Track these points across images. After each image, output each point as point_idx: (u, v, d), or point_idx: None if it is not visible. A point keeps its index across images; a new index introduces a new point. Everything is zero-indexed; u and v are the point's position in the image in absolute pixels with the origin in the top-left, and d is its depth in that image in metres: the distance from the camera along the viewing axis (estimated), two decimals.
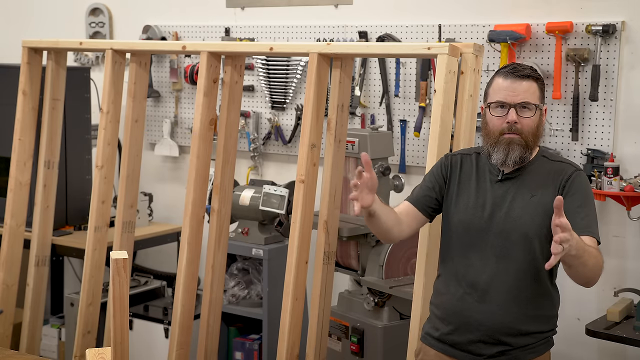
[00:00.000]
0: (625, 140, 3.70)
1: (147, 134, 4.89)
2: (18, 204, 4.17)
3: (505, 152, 2.65)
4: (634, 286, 3.61)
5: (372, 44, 4.05)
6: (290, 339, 3.38)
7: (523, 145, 2.65)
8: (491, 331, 2.65)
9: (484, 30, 3.90)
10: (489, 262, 2.66)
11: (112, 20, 5.14)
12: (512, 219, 2.64)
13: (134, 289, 4.59)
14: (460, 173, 2.78)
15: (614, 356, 3.80)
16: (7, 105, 4.38)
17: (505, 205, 2.67)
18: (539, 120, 2.67)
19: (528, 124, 2.64)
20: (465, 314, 2.68)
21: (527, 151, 2.66)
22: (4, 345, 4.10)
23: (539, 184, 2.66)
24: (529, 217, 2.63)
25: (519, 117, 2.64)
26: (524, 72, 2.66)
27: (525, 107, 2.64)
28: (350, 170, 3.95)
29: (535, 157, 2.72)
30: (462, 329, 2.69)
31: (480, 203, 2.70)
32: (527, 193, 2.66)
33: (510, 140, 2.64)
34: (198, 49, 3.71)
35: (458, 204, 2.74)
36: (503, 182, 2.69)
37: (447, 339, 2.73)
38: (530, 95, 2.65)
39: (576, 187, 2.63)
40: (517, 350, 2.67)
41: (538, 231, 2.63)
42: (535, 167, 2.70)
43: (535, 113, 2.65)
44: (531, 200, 2.64)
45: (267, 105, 4.56)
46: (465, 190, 2.75)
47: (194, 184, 3.64)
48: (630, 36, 3.65)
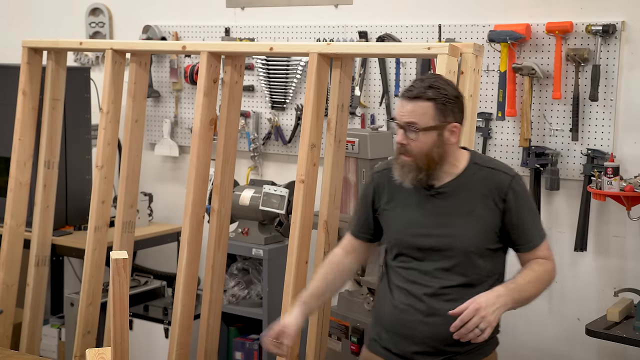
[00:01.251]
0: (625, 140, 3.70)
1: (147, 134, 4.89)
2: (18, 204, 4.17)
3: (400, 174, 2.60)
4: (634, 286, 3.61)
5: (372, 44, 4.05)
6: None
7: (414, 167, 2.58)
8: (435, 343, 2.61)
9: (484, 30, 3.90)
10: (433, 279, 2.61)
11: (112, 20, 5.13)
12: (450, 235, 2.59)
13: (134, 289, 4.59)
14: (389, 189, 2.70)
15: (614, 356, 3.80)
16: (7, 105, 4.38)
17: (441, 221, 2.61)
18: (434, 141, 2.55)
19: (417, 145, 2.56)
20: (410, 327, 2.63)
21: (421, 173, 2.58)
22: (4, 345, 4.10)
23: (475, 197, 2.60)
24: (468, 232, 2.58)
25: (407, 138, 2.56)
26: (414, 92, 2.55)
27: (411, 129, 2.56)
28: (350, 171, 3.95)
29: (467, 166, 2.64)
30: (407, 341, 2.65)
31: (416, 220, 2.63)
32: (464, 207, 2.60)
33: (403, 163, 2.59)
34: (198, 49, 3.71)
35: (394, 221, 2.69)
36: (436, 197, 2.62)
37: (393, 348, 2.69)
38: (417, 116, 2.54)
39: (516, 197, 2.59)
40: (462, 355, 2.63)
41: (478, 245, 2.59)
42: (468, 178, 2.62)
43: (422, 135, 2.54)
44: (469, 215, 2.59)
45: (267, 105, 4.56)
46: (398, 206, 2.69)
47: (194, 184, 3.64)
48: (630, 36, 3.65)
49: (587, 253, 3.81)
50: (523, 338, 4.02)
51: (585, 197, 3.74)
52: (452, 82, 2.70)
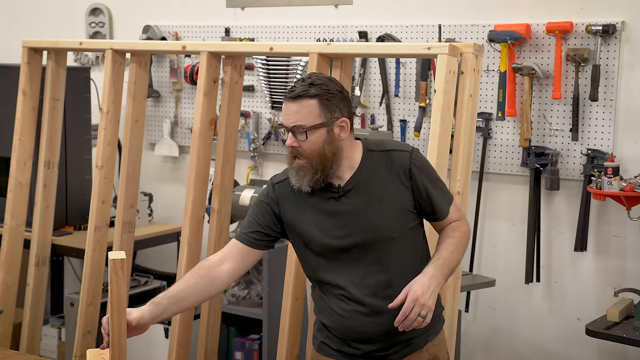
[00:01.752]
0: (625, 140, 3.70)
1: (147, 134, 4.89)
2: (18, 204, 4.17)
3: (297, 178, 2.55)
4: (634, 286, 3.61)
5: (372, 44, 4.05)
6: (290, 339, 3.37)
7: (310, 169, 2.53)
8: (389, 337, 2.58)
9: (484, 30, 3.90)
10: (365, 277, 2.57)
11: (112, 20, 5.14)
12: (369, 229, 2.55)
13: (134, 289, 4.58)
14: (296, 199, 2.63)
15: (614, 356, 3.80)
16: (7, 105, 4.38)
17: (356, 218, 2.56)
18: (324, 138, 2.51)
19: (308, 146, 2.50)
20: (360, 330, 2.59)
21: (318, 173, 2.53)
22: (4, 345, 4.10)
23: (382, 182, 2.57)
24: (386, 219, 2.56)
25: (297, 140, 2.51)
26: (296, 91, 2.50)
27: (298, 132, 2.51)
28: None
29: (363, 157, 2.60)
30: (360, 342, 2.61)
31: (332, 223, 2.58)
32: (374, 197, 2.56)
33: (298, 166, 2.54)
34: (198, 49, 3.71)
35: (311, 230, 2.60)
36: (345, 196, 2.58)
37: (347, 350, 2.64)
38: (303, 116, 2.49)
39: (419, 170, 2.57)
40: (416, 338, 2.61)
41: (399, 229, 2.57)
42: (369, 167, 2.59)
43: (311, 135, 2.49)
44: (381, 203, 2.56)
45: (267, 105, 4.56)
46: (304, 215, 2.61)
47: (194, 184, 3.64)
48: (630, 36, 3.65)
49: (587, 253, 3.81)
50: (523, 338, 4.02)
51: (585, 197, 3.74)
52: (334, 78, 2.64)
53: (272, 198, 2.65)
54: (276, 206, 2.64)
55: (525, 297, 3.98)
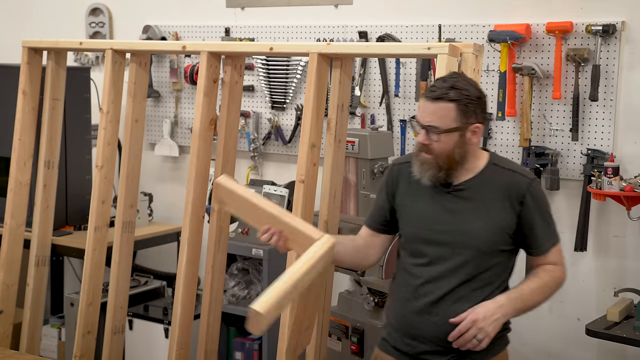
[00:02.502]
0: (625, 140, 3.70)
1: (147, 134, 4.89)
2: (18, 204, 4.17)
3: (419, 171, 2.61)
4: (634, 286, 3.61)
5: (372, 44, 4.05)
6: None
7: (435, 166, 2.58)
8: (444, 342, 2.61)
9: (484, 30, 3.90)
10: (441, 276, 2.61)
11: (112, 20, 5.14)
12: (463, 233, 2.60)
13: (134, 289, 4.58)
14: (408, 183, 2.71)
15: (614, 356, 3.80)
16: (7, 105, 4.38)
17: (458, 218, 2.61)
18: (455, 142, 2.56)
19: (438, 146, 2.57)
20: (418, 327, 2.64)
21: (441, 172, 2.59)
22: (4, 345, 4.10)
23: (493, 197, 2.61)
24: (484, 231, 2.59)
25: (429, 139, 2.57)
26: (436, 93, 2.55)
27: (431, 132, 2.56)
28: (350, 171, 3.95)
29: (486, 166, 2.65)
30: (415, 340, 2.66)
31: (432, 215, 2.64)
32: (482, 206, 2.60)
33: (423, 160, 2.60)
34: (198, 49, 3.71)
35: (409, 215, 2.69)
36: (454, 194, 2.63)
37: (402, 347, 2.70)
38: (439, 118, 2.54)
39: (533, 200, 2.60)
40: (473, 353, 2.62)
41: (491, 245, 2.60)
42: (487, 177, 2.63)
43: (444, 137, 2.55)
44: (484, 214, 2.60)
45: (267, 105, 4.56)
46: (414, 201, 2.69)
47: (194, 184, 3.64)
48: (630, 36, 3.65)
49: (587, 253, 3.81)
50: (523, 338, 4.02)
51: (585, 197, 3.74)
52: (475, 82, 2.67)
53: (390, 178, 2.76)
54: (393, 185, 2.75)
55: None
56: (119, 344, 3.97)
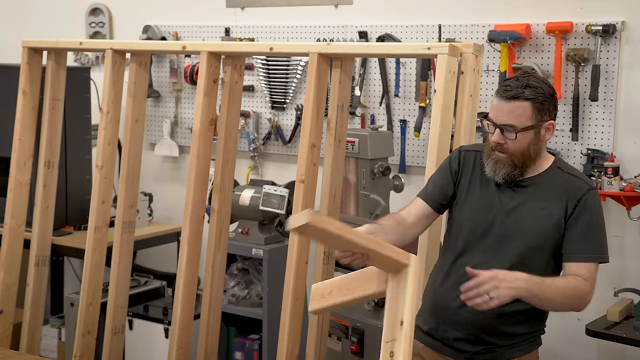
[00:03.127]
0: (625, 140, 3.70)
1: (147, 134, 4.89)
2: (18, 204, 4.17)
3: (493, 169, 2.64)
4: (634, 286, 3.61)
5: (372, 44, 4.05)
6: (290, 339, 3.38)
7: (510, 164, 2.62)
8: (477, 330, 2.65)
9: (484, 30, 3.90)
10: (483, 264, 2.61)
11: (112, 20, 5.14)
12: (518, 227, 2.63)
13: (134, 289, 4.58)
14: (472, 170, 2.74)
15: (614, 356, 3.80)
16: (7, 105, 4.38)
17: (514, 211, 2.64)
18: (531, 140, 2.60)
19: (514, 145, 2.59)
20: (453, 311, 2.67)
21: (516, 169, 2.62)
22: (4, 345, 4.10)
23: (551, 196, 2.63)
24: (537, 227, 2.61)
25: (504, 137, 2.60)
26: (512, 92, 2.57)
27: (508, 130, 2.59)
28: (350, 171, 3.95)
29: (549, 168, 2.68)
30: (448, 326, 2.70)
31: (488, 205, 2.67)
32: (538, 203, 2.63)
33: (497, 159, 2.63)
34: (198, 49, 3.71)
35: (466, 202, 2.72)
36: (514, 189, 2.67)
37: (434, 333, 2.74)
38: (515, 117, 2.57)
39: (586, 208, 2.61)
40: (502, 348, 2.67)
41: (542, 243, 2.62)
42: (548, 177, 2.67)
43: (520, 136, 2.57)
44: (542, 212, 2.62)
45: (267, 105, 4.56)
46: (475, 189, 2.72)
47: (194, 184, 3.64)
48: (630, 36, 3.65)
49: None
50: None
51: None
52: (546, 79, 2.70)
53: (458, 160, 2.77)
54: (458, 168, 2.75)
55: None
56: (119, 344, 3.97)
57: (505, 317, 2.64)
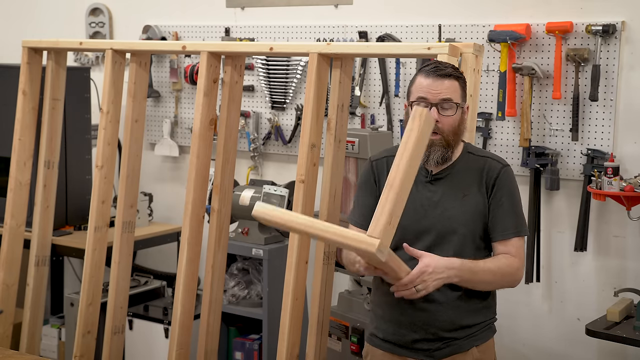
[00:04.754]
0: (625, 140, 3.70)
1: (147, 134, 4.89)
2: (18, 204, 4.17)
3: (427, 153, 2.65)
4: (634, 286, 3.61)
5: (372, 44, 4.05)
6: (290, 339, 3.37)
7: (444, 145, 2.66)
8: (434, 329, 2.69)
9: (484, 30, 3.90)
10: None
11: (112, 20, 5.14)
12: (446, 219, 2.67)
13: (134, 289, 4.58)
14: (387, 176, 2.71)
15: (614, 356, 3.80)
16: (7, 105, 4.38)
17: (437, 206, 2.68)
18: (460, 118, 2.68)
19: (449, 122, 2.65)
20: (407, 313, 2.70)
21: (449, 150, 2.68)
22: (4, 345, 4.10)
23: (468, 182, 2.69)
24: (463, 217, 2.66)
25: (440, 115, 2.64)
26: (446, 71, 2.67)
27: (446, 107, 2.65)
28: (350, 171, 3.95)
29: (461, 155, 2.73)
30: (404, 328, 2.71)
31: (412, 206, 2.67)
32: (459, 192, 2.68)
33: (431, 142, 2.64)
34: (198, 49, 3.71)
35: None
36: (432, 183, 2.71)
37: (391, 338, 2.75)
38: (452, 92, 2.65)
39: (502, 185, 2.68)
40: (461, 340, 2.71)
41: (472, 230, 2.67)
42: (462, 164, 2.72)
43: (457, 111, 2.66)
44: (463, 200, 2.67)
45: (267, 105, 4.56)
46: None
47: (194, 184, 3.64)
48: (630, 36, 3.65)
49: (587, 253, 3.81)
50: (523, 337, 4.02)
51: (585, 197, 3.74)
52: None
53: (373, 172, 2.81)
54: (376, 180, 2.80)
55: (525, 297, 3.98)
56: (119, 344, 3.97)
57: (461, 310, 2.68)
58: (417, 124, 2.42)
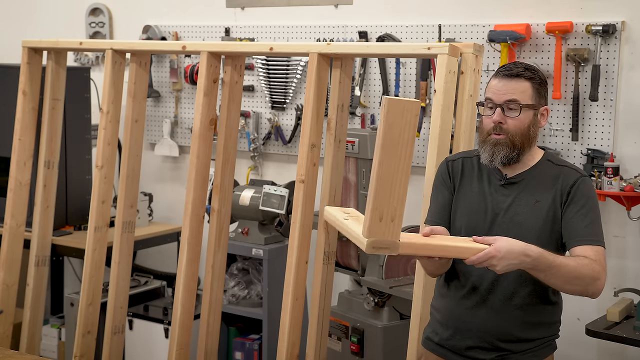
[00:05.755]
0: (625, 140, 3.70)
1: (147, 134, 4.89)
2: (18, 204, 4.17)
3: (491, 153, 2.61)
4: (634, 286, 3.61)
5: (372, 44, 4.05)
6: (290, 339, 3.38)
7: (509, 145, 2.59)
8: (490, 337, 2.62)
9: (484, 30, 3.90)
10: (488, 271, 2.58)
11: (112, 20, 5.14)
12: (515, 225, 2.60)
13: (134, 289, 4.58)
14: (462, 177, 2.72)
15: (614, 356, 3.80)
16: (7, 105, 4.38)
17: (509, 210, 2.62)
18: (530, 120, 2.59)
19: (515, 124, 2.58)
20: (465, 319, 2.65)
21: (514, 151, 2.60)
22: (4, 345, 4.10)
23: (543, 189, 2.62)
24: (533, 223, 2.59)
25: (505, 116, 2.58)
26: (514, 71, 2.60)
27: (511, 107, 2.58)
28: (350, 171, 3.95)
29: (539, 161, 2.67)
30: (460, 334, 2.66)
31: (483, 207, 2.65)
32: (531, 198, 2.61)
33: (496, 142, 2.60)
34: (198, 49, 3.71)
35: (460, 208, 2.69)
36: (506, 187, 2.65)
37: (446, 343, 2.70)
38: (519, 94, 2.58)
39: (580, 194, 2.59)
40: (517, 354, 2.63)
41: (541, 237, 2.58)
42: (540, 171, 2.65)
43: (523, 113, 2.58)
44: (535, 206, 2.60)
45: (267, 105, 4.56)
46: (467, 193, 2.69)
47: (194, 184, 3.64)
48: (630, 36, 3.65)
49: None
50: None
51: None
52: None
53: (448, 173, 2.74)
54: (451, 179, 2.73)
55: None
56: (119, 344, 3.97)
57: (519, 322, 2.62)
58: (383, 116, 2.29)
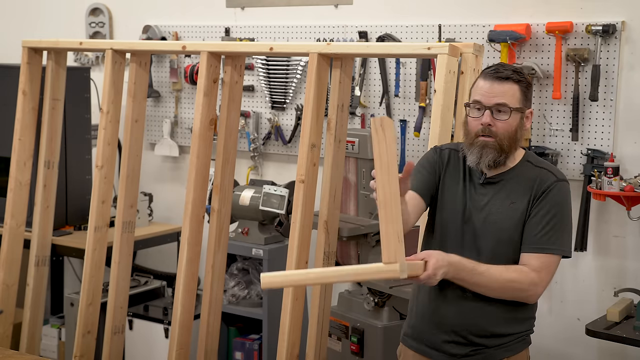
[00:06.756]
0: (625, 140, 3.70)
1: (147, 134, 4.89)
2: (18, 204, 4.17)
3: (479, 155, 2.61)
4: (634, 286, 3.61)
5: (372, 44, 4.05)
6: (290, 339, 3.38)
7: (497, 148, 2.59)
8: (464, 332, 2.64)
9: (484, 30, 3.90)
10: None
11: (112, 20, 5.14)
12: (489, 224, 2.61)
13: (134, 289, 4.58)
14: (447, 169, 2.73)
15: (614, 356, 3.80)
16: (7, 105, 4.38)
17: (484, 209, 2.63)
18: (518, 123, 2.60)
19: (503, 127, 2.58)
20: (440, 314, 2.66)
21: (502, 155, 2.60)
22: (4, 345, 4.10)
23: (520, 191, 2.62)
24: (507, 224, 2.60)
25: (494, 119, 2.58)
26: (504, 74, 2.59)
27: (500, 110, 2.58)
28: (350, 171, 3.95)
29: (519, 162, 2.67)
30: (436, 329, 2.68)
31: (461, 204, 2.66)
32: (507, 199, 2.62)
33: (484, 144, 2.60)
34: (198, 49, 3.71)
35: (443, 201, 2.70)
36: (484, 186, 2.66)
37: (422, 338, 2.72)
38: (508, 97, 2.58)
39: (548, 199, 2.59)
40: (492, 349, 2.65)
41: (513, 238, 2.60)
42: (519, 172, 2.65)
43: (512, 116, 2.58)
44: (510, 207, 2.61)
45: (267, 105, 4.56)
46: (450, 188, 2.70)
47: (194, 184, 3.64)
48: (630, 36, 3.65)
49: (587, 253, 3.81)
50: None
51: (585, 197, 3.74)
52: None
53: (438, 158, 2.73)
54: (439, 165, 2.72)
55: None
56: (119, 344, 3.97)
57: (493, 317, 2.63)
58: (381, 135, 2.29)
